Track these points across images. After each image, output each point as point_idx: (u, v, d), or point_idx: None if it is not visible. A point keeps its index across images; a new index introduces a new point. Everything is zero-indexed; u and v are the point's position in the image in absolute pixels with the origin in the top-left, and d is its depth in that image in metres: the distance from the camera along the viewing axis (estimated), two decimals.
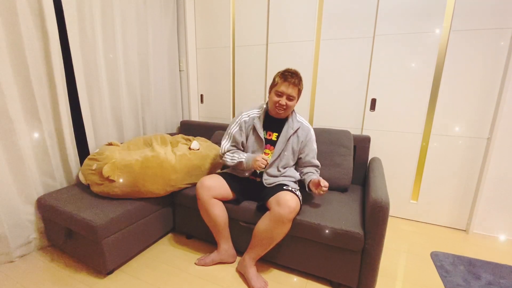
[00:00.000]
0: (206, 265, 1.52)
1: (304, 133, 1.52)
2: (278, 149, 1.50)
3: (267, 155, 1.52)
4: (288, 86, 1.40)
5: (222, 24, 2.44)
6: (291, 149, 1.51)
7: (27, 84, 1.49)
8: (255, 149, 1.54)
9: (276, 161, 1.51)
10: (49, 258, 1.56)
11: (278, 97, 1.43)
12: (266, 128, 1.55)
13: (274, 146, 1.52)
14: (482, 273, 1.47)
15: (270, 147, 1.53)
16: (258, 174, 1.55)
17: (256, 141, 1.53)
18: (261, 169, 1.39)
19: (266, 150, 1.53)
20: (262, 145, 1.52)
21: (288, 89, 1.40)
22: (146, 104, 2.31)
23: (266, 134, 1.54)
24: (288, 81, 1.40)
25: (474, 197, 1.86)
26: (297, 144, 1.51)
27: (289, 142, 1.50)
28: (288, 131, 1.49)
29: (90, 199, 1.52)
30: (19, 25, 1.41)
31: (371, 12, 1.90)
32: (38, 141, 1.58)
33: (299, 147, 1.52)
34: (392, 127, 1.99)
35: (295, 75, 1.42)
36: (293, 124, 1.51)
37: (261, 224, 1.35)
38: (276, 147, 1.50)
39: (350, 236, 1.24)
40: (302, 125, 1.53)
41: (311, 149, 1.54)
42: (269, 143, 1.53)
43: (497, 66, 1.67)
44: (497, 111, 1.69)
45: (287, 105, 1.42)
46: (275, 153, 1.50)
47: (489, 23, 1.64)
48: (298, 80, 1.42)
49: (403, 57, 1.86)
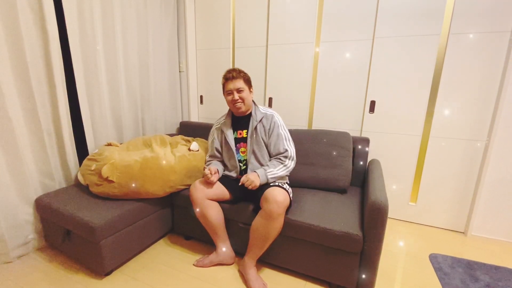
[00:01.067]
0: (205, 266, 1.52)
1: (268, 121, 1.55)
2: (249, 143, 1.55)
3: (244, 154, 1.57)
4: (232, 81, 1.49)
5: (222, 25, 2.44)
6: (261, 140, 1.53)
7: (26, 84, 1.49)
8: (227, 150, 1.60)
9: (252, 156, 1.54)
10: (47, 258, 1.55)
11: (230, 95, 1.51)
12: (236, 128, 1.61)
13: (247, 142, 1.56)
14: (480, 275, 1.47)
15: (244, 144, 1.58)
16: (242, 173, 1.58)
17: (228, 143, 1.58)
18: (207, 178, 1.44)
19: (242, 149, 1.58)
20: (231, 147, 1.56)
21: (234, 84, 1.49)
22: (145, 104, 2.31)
23: (237, 134, 1.60)
24: (229, 78, 1.50)
25: (473, 200, 1.87)
26: (265, 134, 1.54)
27: (257, 133, 1.53)
28: (253, 123, 1.54)
29: (89, 200, 1.52)
30: (19, 25, 1.41)
31: (371, 15, 1.90)
32: (37, 141, 1.58)
33: (267, 135, 1.54)
34: (391, 129, 2.00)
35: (233, 70, 1.52)
36: (256, 116, 1.55)
37: (254, 223, 1.36)
38: (247, 143, 1.55)
39: (349, 238, 1.24)
40: (265, 115, 1.56)
41: (277, 133, 1.52)
42: (242, 141, 1.58)
43: (495, 70, 1.68)
44: (495, 114, 1.70)
45: (241, 97, 1.50)
46: (249, 149, 1.54)
47: (488, 27, 1.65)
48: (237, 72, 1.51)
49: (402, 59, 1.87)
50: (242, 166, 1.58)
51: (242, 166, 1.58)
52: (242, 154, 1.58)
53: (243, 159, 1.57)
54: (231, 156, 1.58)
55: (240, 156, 1.58)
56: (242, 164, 1.57)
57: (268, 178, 1.41)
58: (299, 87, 2.22)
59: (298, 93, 2.23)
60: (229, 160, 1.61)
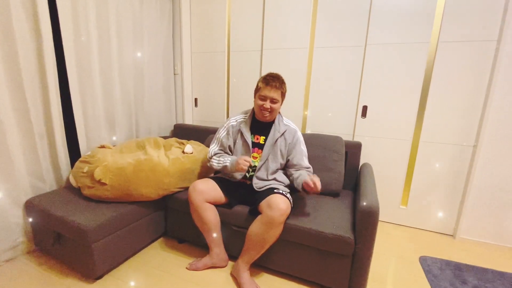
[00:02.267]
0: (198, 269, 1.51)
1: (291, 135, 1.54)
2: (265, 152, 1.51)
3: (255, 159, 1.54)
4: (271, 90, 1.43)
5: (218, 29, 2.46)
6: (279, 151, 1.52)
7: (18, 84, 1.47)
8: (243, 153, 1.55)
9: (264, 164, 1.52)
10: (36, 262, 1.52)
11: (262, 101, 1.46)
12: (254, 132, 1.57)
13: (262, 149, 1.54)
14: (468, 277, 1.51)
15: (258, 150, 1.55)
16: (248, 177, 1.56)
17: (244, 145, 1.55)
18: (243, 171, 1.41)
19: (254, 154, 1.55)
20: (249, 149, 1.53)
21: (271, 93, 1.43)
22: (139, 106, 2.30)
23: (254, 138, 1.56)
24: (270, 85, 1.43)
25: (461, 203, 1.92)
26: (285, 147, 1.53)
27: (277, 144, 1.51)
28: (275, 134, 1.51)
29: (81, 202, 1.50)
30: (12, 25, 1.40)
31: (363, 22, 1.95)
32: (28, 142, 1.55)
33: (287, 149, 1.53)
34: (382, 133, 2.04)
35: (276, 78, 1.45)
36: (280, 127, 1.53)
37: (253, 228, 1.36)
38: (264, 151, 1.52)
39: (341, 241, 1.26)
40: (288, 128, 1.55)
41: (298, 150, 1.53)
42: (257, 147, 1.55)
43: (483, 76, 1.74)
44: (482, 120, 1.76)
45: (272, 108, 1.46)
46: (263, 157, 1.52)
47: (476, 35, 1.71)
48: (280, 83, 1.45)
49: (394, 66, 1.92)
50: (250, 171, 1.55)
51: (250, 171, 1.55)
52: (254, 159, 1.54)
53: (253, 165, 1.54)
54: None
55: (252, 161, 1.54)
56: (251, 169, 1.55)
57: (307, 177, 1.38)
58: (293, 91, 2.24)
59: (292, 97, 2.26)
60: None
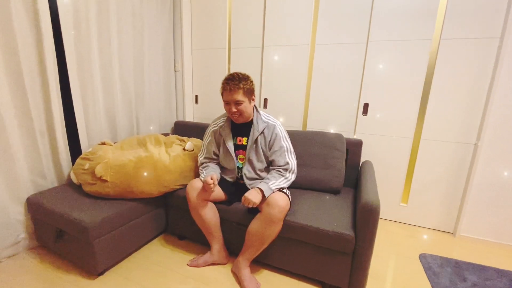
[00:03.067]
0: (199, 266, 1.52)
1: (269, 132, 1.49)
2: (247, 153, 1.51)
3: (242, 161, 1.54)
4: (230, 93, 1.38)
5: (219, 26, 2.45)
6: (261, 150, 1.50)
7: (19, 81, 1.47)
8: (228, 157, 1.55)
9: (249, 165, 1.52)
10: (38, 258, 1.53)
11: (228, 106, 1.43)
12: (236, 134, 1.54)
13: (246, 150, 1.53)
14: (468, 275, 1.51)
15: (243, 152, 1.54)
16: (240, 177, 1.56)
17: (227, 149, 1.53)
18: (210, 189, 1.40)
19: (240, 156, 1.54)
20: (230, 153, 1.52)
21: (232, 95, 1.38)
22: (140, 104, 2.30)
23: (237, 140, 1.54)
24: (226, 89, 1.39)
25: (462, 201, 1.92)
26: (265, 144, 1.49)
27: (258, 144, 1.49)
28: (254, 133, 1.48)
29: (82, 199, 1.51)
30: (12, 21, 1.39)
31: (365, 19, 1.93)
32: (29, 139, 1.55)
33: (267, 146, 1.50)
34: (383, 131, 2.04)
35: (231, 80, 1.38)
36: (258, 125, 1.49)
37: (253, 225, 1.36)
38: (246, 152, 1.52)
39: (342, 238, 1.26)
40: (268, 125, 1.49)
41: (277, 147, 1.47)
42: (241, 149, 1.54)
43: (485, 74, 1.73)
44: (484, 117, 1.75)
45: (238, 110, 1.41)
46: (246, 158, 1.51)
47: (478, 33, 1.70)
48: (237, 82, 1.37)
49: (395, 63, 1.91)
50: (239, 172, 1.55)
51: (239, 172, 1.55)
52: (241, 161, 1.54)
53: (241, 166, 1.54)
54: (230, 162, 1.55)
55: (239, 163, 1.55)
56: (240, 170, 1.55)
57: (273, 190, 1.35)
58: (294, 88, 2.24)
59: (293, 94, 2.25)
60: (227, 165, 1.58)
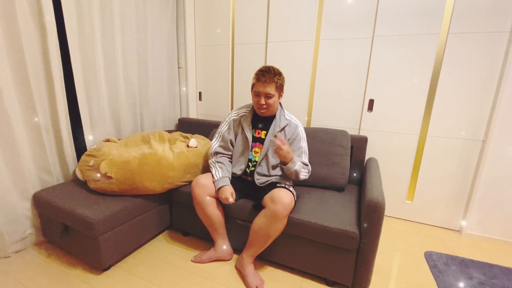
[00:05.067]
0: (203, 262, 1.53)
1: (291, 131, 1.51)
2: (265, 147, 1.50)
3: (256, 154, 1.53)
4: (263, 85, 1.38)
5: (222, 21, 2.43)
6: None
7: (24, 79, 1.47)
8: (244, 147, 1.55)
9: (264, 159, 1.51)
10: (45, 253, 1.56)
11: (257, 97, 1.43)
12: (255, 126, 1.55)
13: (263, 144, 1.52)
14: (474, 273, 1.50)
15: (259, 145, 1.53)
16: (249, 173, 1.55)
17: (244, 139, 1.54)
18: (223, 201, 1.41)
19: (256, 149, 1.54)
20: (248, 144, 1.52)
21: (264, 88, 1.38)
22: (144, 100, 2.30)
23: (255, 132, 1.54)
24: (261, 80, 1.38)
25: (468, 198, 1.89)
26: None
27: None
28: (275, 128, 1.49)
29: (87, 195, 1.52)
30: (17, 20, 1.39)
31: (371, 13, 1.90)
32: (34, 136, 1.57)
33: (287, 144, 1.49)
34: (389, 128, 2.01)
35: (267, 72, 1.38)
36: (280, 122, 1.50)
37: (257, 222, 1.36)
38: (264, 145, 1.51)
39: (346, 235, 1.25)
40: (290, 123, 1.51)
41: (297, 147, 1.49)
42: (258, 141, 1.54)
43: (494, 69, 1.69)
44: (492, 114, 1.71)
45: (267, 103, 1.42)
46: (263, 151, 1.51)
47: (486, 27, 1.66)
48: (272, 75, 1.38)
49: (401, 58, 1.88)
50: (251, 166, 1.54)
51: (251, 166, 1.54)
52: (255, 154, 1.53)
53: (253, 160, 1.53)
54: (244, 153, 1.54)
55: (252, 156, 1.53)
56: (251, 164, 1.54)
57: (297, 164, 1.37)
58: (298, 84, 2.22)
59: (297, 90, 2.23)
60: (240, 156, 1.56)
